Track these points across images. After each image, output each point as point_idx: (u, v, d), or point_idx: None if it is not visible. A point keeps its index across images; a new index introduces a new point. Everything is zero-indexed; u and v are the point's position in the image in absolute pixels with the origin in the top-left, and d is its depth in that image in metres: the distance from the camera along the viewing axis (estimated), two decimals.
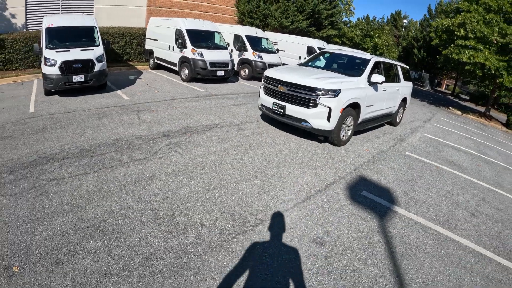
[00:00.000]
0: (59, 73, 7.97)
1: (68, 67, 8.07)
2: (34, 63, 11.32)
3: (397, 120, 9.69)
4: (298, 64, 7.89)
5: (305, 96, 5.70)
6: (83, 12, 12.51)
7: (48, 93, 8.45)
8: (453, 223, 4.33)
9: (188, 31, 10.70)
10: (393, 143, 7.71)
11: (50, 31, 8.60)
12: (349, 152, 6.14)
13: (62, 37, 8.77)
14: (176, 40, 10.93)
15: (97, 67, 8.52)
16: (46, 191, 3.54)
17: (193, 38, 10.69)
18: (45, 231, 2.88)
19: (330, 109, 5.60)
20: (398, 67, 8.88)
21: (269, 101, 6.25)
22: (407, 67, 10.63)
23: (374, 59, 7.13)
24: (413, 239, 3.64)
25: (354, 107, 6.30)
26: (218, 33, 11.79)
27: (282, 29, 17.75)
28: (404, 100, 9.54)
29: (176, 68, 11.26)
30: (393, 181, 5.27)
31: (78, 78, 8.23)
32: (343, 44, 24.91)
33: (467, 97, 31.86)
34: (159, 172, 4.25)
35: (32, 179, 3.78)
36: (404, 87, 9.16)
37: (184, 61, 10.74)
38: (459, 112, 19.49)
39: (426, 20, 31.96)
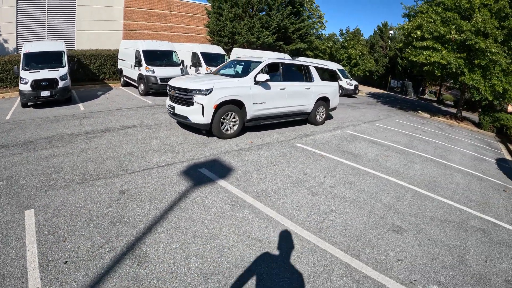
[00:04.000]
0: (30, 89, 10.13)
1: (37, 85, 10.22)
2: None
3: (318, 119, 10.21)
4: (206, 73, 9.51)
5: (185, 96, 7.17)
6: (61, 39, 14.84)
7: (24, 106, 10.62)
8: (273, 197, 4.73)
9: (144, 51, 12.75)
10: (293, 137, 8.42)
11: (27, 55, 10.88)
12: (230, 143, 7.35)
13: (36, 60, 11.03)
14: (136, 59, 13.01)
15: (61, 84, 10.62)
16: None
17: (148, 57, 12.72)
18: None
19: (202, 106, 6.87)
20: (311, 68, 9.56)
21: (167, 104, 7.91)
22: (332, 68, 11.12)
23: (266, 61, 8.12)
24: (207, 201, 4.40)
25: (237, 104, 7.49)
26: (174, 51, 13.79)
27: (250, 45, 19.55)
28: (324, 100, 10.13)
29: (136, 84, 13.31)
30: (247, 164, 6.06)
31: (45, 93, 10.35)
32: (316, 56, 26.50)
33: (451, 103, 32.11)
34: (63, 153, 6.07)
35: None
36: (321, 87, 9.75)
37: (140, 77, 12.77)
38: (427, 115, 19.85)
39: None
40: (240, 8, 18.85)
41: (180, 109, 7.37)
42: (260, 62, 8.21)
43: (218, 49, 15.69)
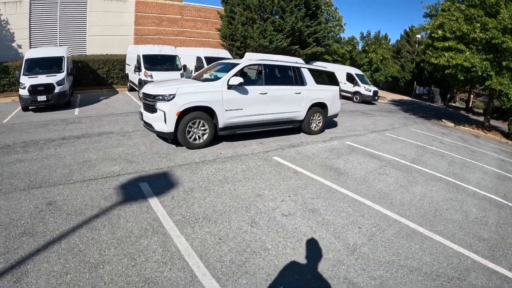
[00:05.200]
0: (28, 94, 10.47)
1: (34, 90, 10.54)
2: None
3: (313, 128, 9.25)
4: (192, 77, 8.99)
5: (150, 102, 6.71)
6: (72, 44, 15.38)
7: (25, 109, 11.02)
8: (197, 224, 3.98)
9: (144, 56, 12.79)
10: (274, 148, 7.59)
11: (28, 61, 11.29)
12: (195, 154, 6.70)
13: (37, 66, 11.43)
14: (136, 63, 13.10)
15: (57, 89, 10.89)
16: None
17: (148, 62, 12.74)
18: None
19: (164, 113, 6.40)
20: (303, 70, 8.63)
21: (139, 111, 7.59)
22: (331, 71, 9.99)
23: (244, 63, 7.34)
24: (122, 222, 3.95)
25: (207, 111, 6.84)
26: (176, 56, 13.72)
27: (263, 49, 19.11)
28: (321, 106, 9.17)
29: (138, 89, 13.40)
30: (197, 179, 5.41)
31: (42, 98, 10.66)
32: (335, 61, 25.35)
33: (481, 111, 29.35)
34: (28, 159, 6.03)
35: None
36: (316, 91, 8.80)
37: (140, 82, 12.81)
38: (451, 124, 18.34)
39: None
40: (252, 12, 18.49)
41: (146, 116, 7.00)
42: (236, 64, 7.51)
43: (224, 53, 15.41)
